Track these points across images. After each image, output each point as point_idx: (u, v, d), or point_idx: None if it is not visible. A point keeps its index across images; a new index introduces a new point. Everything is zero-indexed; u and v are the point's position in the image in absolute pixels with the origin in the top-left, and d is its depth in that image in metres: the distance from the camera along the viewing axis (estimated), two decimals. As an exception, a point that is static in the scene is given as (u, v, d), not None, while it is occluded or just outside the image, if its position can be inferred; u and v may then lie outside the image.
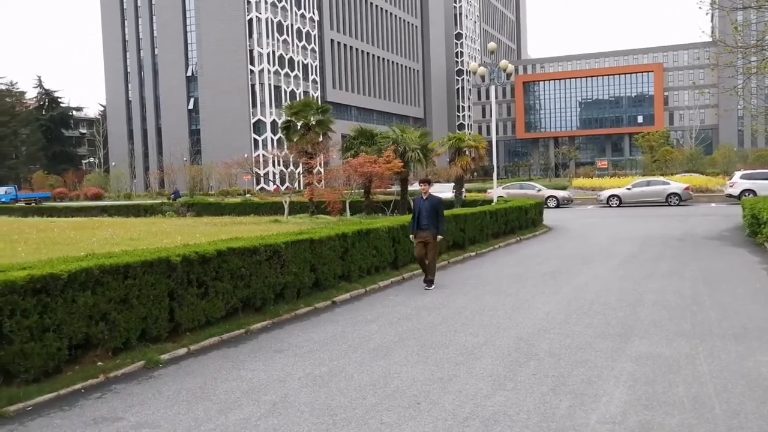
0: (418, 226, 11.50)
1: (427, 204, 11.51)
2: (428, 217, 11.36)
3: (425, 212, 11.41)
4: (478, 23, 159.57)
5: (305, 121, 31.14)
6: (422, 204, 11.56)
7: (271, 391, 6.02)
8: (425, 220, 11.39)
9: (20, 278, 5.91)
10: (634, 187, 37.24)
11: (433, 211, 11.39)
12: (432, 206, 11.44)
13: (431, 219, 11.36)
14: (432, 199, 11.60)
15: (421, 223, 11.43)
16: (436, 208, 11.45)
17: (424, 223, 11.39)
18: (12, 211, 43.60)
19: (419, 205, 11.59)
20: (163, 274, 7.44)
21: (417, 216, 11.52)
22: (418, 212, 11.50)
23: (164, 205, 38.47)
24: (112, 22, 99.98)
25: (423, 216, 11.42)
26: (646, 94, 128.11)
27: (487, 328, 8.31)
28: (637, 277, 12.05)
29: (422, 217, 11.42)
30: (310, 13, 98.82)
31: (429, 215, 11.36)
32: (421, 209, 11.49)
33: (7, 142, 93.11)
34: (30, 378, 5.96)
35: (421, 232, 11.43)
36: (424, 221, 11.40)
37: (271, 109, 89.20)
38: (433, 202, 11.51)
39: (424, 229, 11.39)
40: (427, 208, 11.43)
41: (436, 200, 11.62)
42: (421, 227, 11.44)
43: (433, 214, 11.37)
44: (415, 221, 11.57)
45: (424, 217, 11.40)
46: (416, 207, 11.66)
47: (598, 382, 6.01)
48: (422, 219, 11.42)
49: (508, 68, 27.87)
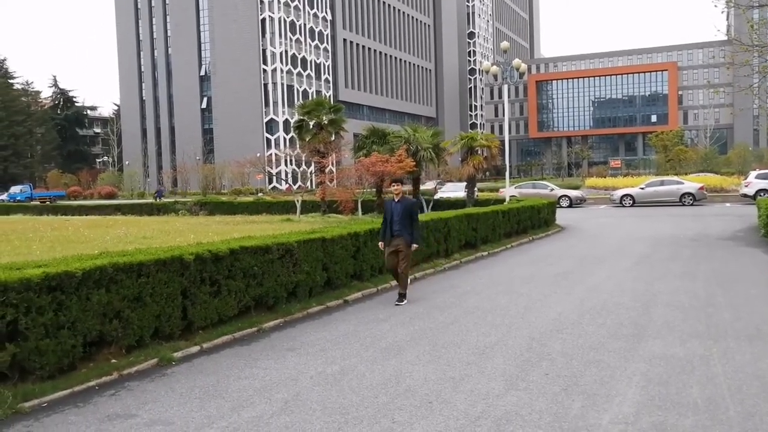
0: (389, 233, 10.17)
1: (399, 207, 10.15)
2: (401, 222, 10.02)
3: (397, 216, 10.06)
4: (490, 22, 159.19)
5: (318, 120, 31.20)
6: (394, 207, 10.20)
7: (284, 389, 6.04)
8: (397, 226, 10.05)
9: (36, 276, 5.97)
10: (648, 187, 37.00)
11: (406, 215, 10.05)
12: (405, 210, 10.10)
13: (404, 224, 10.02)
14: (405, 201, 10.31)
15: (393, 228, 10.10)
16: (410, 211, 10.13)
17: (396, 229, 10.06)
18: (27, 209, 44.01)
19: (390, 209, 10.23)
20: (177, 273, 7.48)
21: (389, 221, 10.17)
22: (390, 216, 10.16)
23: (177, 204, 38.67)
24: (126, 22, 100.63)
25: (395, 221, 10.08)
26: (660, 93, 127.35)
27: (499, 327, 8.29)
28: (651, 278, 11.98)
29: (394, 222, 10.09)
30: (323, 12, 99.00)
31: (402, 220, 10.03)
32: (393, 213, 10.15)
33: (23, 141, 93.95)
34: (45, 375, 6.02)
35: (392, 240, 10.11)
36: (396, 227, 10.06)
37: (284, 109, 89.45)
38: (406, 205, 10.19)
39: (396, 235, 10.07)
40: (400, 212, 10.08)
41: (410, 203, 10.38)
42: (393, 233, 10.11)
43: (407, 219, 10.04)
44: (386, 227, 10.23)
45: (396, 222, 10.07)
46: (387, 210, 10.31)
47: (611, 383, 5.98)
48: (394, 224, 10.09)
49: (521, 67, 27.77)
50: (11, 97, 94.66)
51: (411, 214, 10.09)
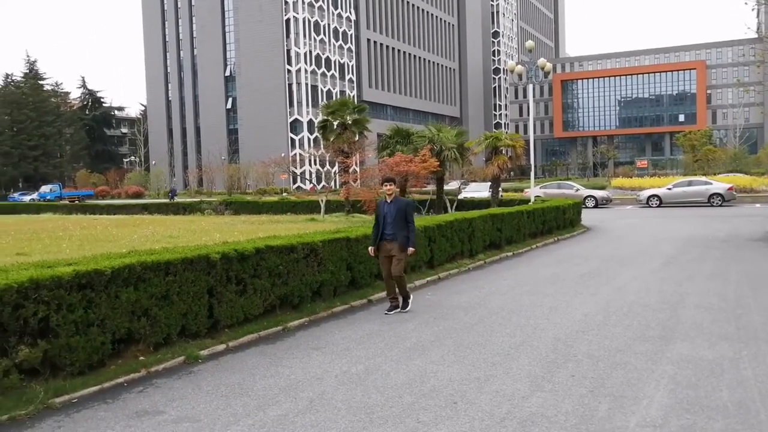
0: (381, 236, 9.48)
1: (392, 208, 9.42)
2: (393, 225, 9.32)
3: (390, 219, 9.35)
4: (515, 21, 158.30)
5: (342, 120, 31.29)
6: (387, 208, 9.47)
7: (309, 388, 6.07)
8: (390, 229, 9.34)
9: (66, 274, 6.07)
10: (675, 187, 36.52)
11: (400, 217, 9.33)
12: (398, 211, 9.37)
13: (398, 227, 9.31)
14: (398, 202, 9.55)
15: (385, 232, 9.40)
16: (404, 213, 9.39)
17: (389, 232, 9.35)
18: (57, 208, 44.75)
19: (383, 210, 9.50)
20: (203, 271, 7.55)
21: (381, 223, 9.47)
22: (383, 219, 9.45)
23: (202, 203, 39.05)
24: (153, 24, 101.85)
25: (387, 224, 9.38)
26: (688, 92, 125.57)
27: (524, 328, 8.25)
28: (679, 279, 11.82)
29: (386, 225, 9.39)
30: (347, 12, 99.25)
31: (394, 222, 9.32)
32: (386, 215, 9.43)
33: (53, 141, 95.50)
34: (75, 371, 6.12)
35: (384, 244, 9.42)
36: (389, 230, 9.35)
37: (308, 109, 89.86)
38: (399, 206, 9.43)
39: (389, 239, 9.36)
40: (393, 214, 9.36)
41: (404, 203, 9.59)
42: (385, 237, 9.41)
43: (401, 222, 9.33)
44: (378, 230, 9.52)
45: (388, 225, 9.37)
46: (379, 212, 9.57)
47: (638, 385, 5.91)
48: (386, 227, 9.39)
49: (546, 66, 27.58)
50: (41, 98, 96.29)
51: (405, 216, 9.38)
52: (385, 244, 9.39)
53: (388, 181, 9.70)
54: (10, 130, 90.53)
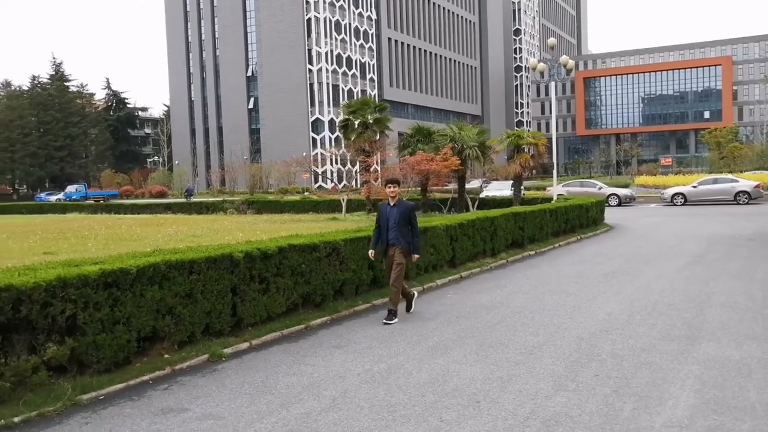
0: (385, 241, 8.93)
1: (395, 212, 8.86)
2: (396, 229, 8.78)
3: (393, 223, 8.81)
4: (537, 18, 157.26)
5: (363, 119, 31.36)
6: (389, 212, 8.91)
7: (331, 386, 6.09)
8: (393, 234, 8.79)
9: (93, 272, 6.15)
10: (700, 185, 36.02)
11: (403, 221, 8.79)
12: (402, 214, 8.82)
13: (401, 232, 8.78)
14: (402, 205, 8.95)
15: (388, 236, 8.86)
16: (408, 217, 8.85)
17: (392, 237, 8.81)
18: (82, 207, 45.42)
19: (385, 214, 8.94)
20: (227, 270, 7.61)
21: (383, 228, 8.95)
22: (385, 223, 8.91)
23: (225, 203, 39.36)
24: (175, 25, 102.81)
25: (390, 228, 8.83)
26: (714, 89, 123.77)
27: (547, 327, 8.20)
28: (704, 278, 11.67)
29: (389, 230, 8.84)
30: (368, 11, 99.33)
31: (397, 226, 8.77)
32: (388, 218, 8.88)
33: (78, 141, 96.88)
34: (102, 368, 6.20)
35: (387, 249, 8.91)
36: (392, 235, 8.81)
37: (329, 108, 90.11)
38: (403, 210, 8.86)
39: (392, 244, 8.82)
40: (396, 218, 8.81)
41: (408, 207, 8.98)
42: (388, 242, 8.87)
43: (404, 226, 8.80)
44: (379, 235, 9.03)
45: (391, 230, 8.82)
46: (381, 216, 8.99)
47: (663, 385, 5.85)
48: (389, 232, 8.84)
49: (568, 64, 27.37)
50: (67, 99, 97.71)
51: (409, 220, 8.85)
52: (388, 249, 8.90)
53: (392, 182, 9.13)
54: (37, 131, 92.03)
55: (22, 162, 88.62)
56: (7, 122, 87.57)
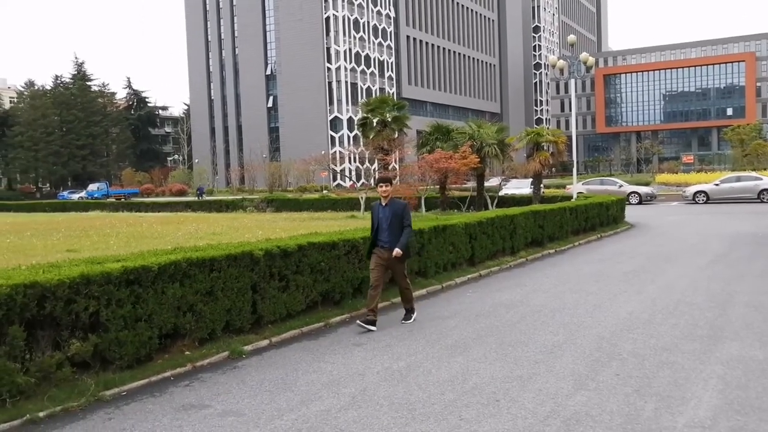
0: (375, 243, 8.50)
1: (387, 212, 8.41)
2: (389, 230, 8.32)
3: (386, 223, 8.36)
4: (556, 15, 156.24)
5: (381, 117, 31.38)
6: (381, 212, 8.48)
7: (351, 384, 6.11)
8: (386, 235, 8.33)
9: (115, 270, 6.23)
10: (723, 183, 35.55)
11: (396, 221, 8.33)
12: (394, 215, 8.35)
13: (395, 233, 8.30)
14: (394, 204, 8.48)
15: (380, 238, 8.41)
16: (401, 217, 8.37)
17: (385, 239, 8.34)
18: (104, 206, 45.93)
19: (377, 214, 8.50)
20: (247, 268, 7.66)
21: (375, 228, 8.51)
22: (377, 223, 8.48)
23: (244, 201, 39.58)
24: (195, 24, 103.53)
25: (383, 229, 8.38)
26: (737, 85, 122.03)
27: (567, 326, 8.15)
28: (727, 277, 11.52)
29: (381, 231, 8.39)
30: (387, 10, 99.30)
31: (390, 228, 8.32)
32: (381, 219, 8.43)
33: (99, 140, 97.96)
34: (124, 365, 6.27)
35: (380, 252, 8.39)
36: (385, 236, 8.34)
37: (348, 106, 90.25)
38: (395, 210, 8.39)
39: (385, 246, 8.33)
40: (389, 218, 8.35)
41: (400, 206, 8.50)
42: (380, 244, 8.39)
43: (397, 227, 8.32)
44: (374, 236, 8.54)
45: (384, 231, 8.36)
46: (374, 216, 8.56)
47: (686, 385, 5.79)
48: (381, 233, 8.39)
49: (588, 61, 27.14)
50: (89, 98, 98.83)
51: (402, 220, 8.37)
52: (380, 251, 8.37)
53: (384, 181, 8.63)
54: (59, 130, 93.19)
55: (45, 161, 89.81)
56: (31, 121, 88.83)
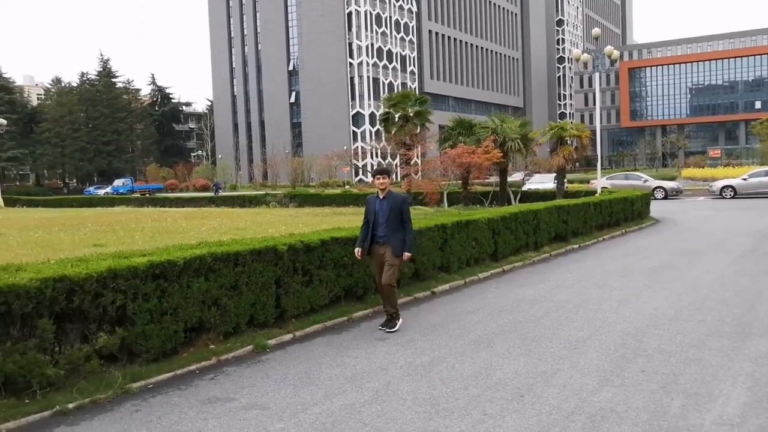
0: (372, 238, 8.01)
1: (384, 206, 7.93)
2: (386, 225, 7.85)
3: (383, 218, 7.88)
4: (580, 8, 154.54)
5: (403, 112, 31.26)
6: (378, 205, 7.98)
7: (374, 378, 6.12)
8: (383, 230, 7.87)
9: (141, 264, 6.31)
10: (751, 177, 34.96)
11: (394, 216, 7.85)
12: (392, 209, 7.87)
13: (392, 228, 7.84)
14: (392, 198, 7.98)
15: (377, 233, 7.95)
16: (399, 211, 7.88)
17: (381, 234, 7.89)
18: (129, 201, 46.43)
19: (374, 208, 7.99)
20: (271, 262, 7.71)
21: (371, 222, 8.02)
22: (373, 217, 7.99)
23: (267, 196, 39.78)
24: (218, 21, 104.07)
25: (379, 224, 7.91)
26: (765, 78, 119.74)
27: (591, 322, 8.08)
28: (756, 273, 11.34)
29: (378, 226, 7.92)
30: (409, 4, 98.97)
31: (387, 222, 7.85)
32: (377, 213, 7.95)
33: (124, 136, 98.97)
34: (150, 358, 6.36)
35: (377, 248, 7.96)
36: (381, 231, 7.88)
37: (370, 102, 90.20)
38: (393, 203, 7.91)
39: (382, 242, 7.90)
40: (386, 212, 7.88)
41: (399, 200, 7.99)
42: (377, 240, 7.96)
43: (395, 222, 7.85)
44: (368, 231, 8.04)
45: (380, 226, 7.89)
46: (369, 210, 8.03)
47: (713, 382, 5.72)
48: (378, 228, 7.92)
49: (613, 54, 26.84)
50: (114, 95, 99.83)
51: (401, 215, 7.88)
52: (377, 248, 7.97)
53: (381, 173, 8.10)
54: (85, 127, 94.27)
55: (72, 157, 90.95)
56: (58, 118, 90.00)
